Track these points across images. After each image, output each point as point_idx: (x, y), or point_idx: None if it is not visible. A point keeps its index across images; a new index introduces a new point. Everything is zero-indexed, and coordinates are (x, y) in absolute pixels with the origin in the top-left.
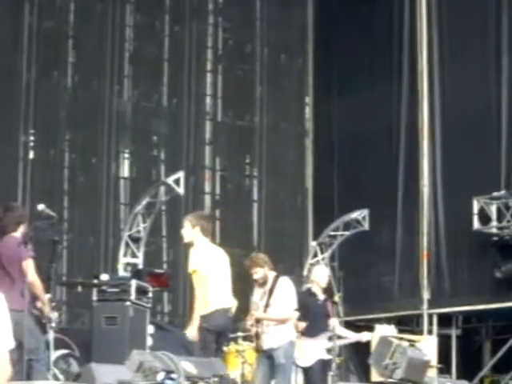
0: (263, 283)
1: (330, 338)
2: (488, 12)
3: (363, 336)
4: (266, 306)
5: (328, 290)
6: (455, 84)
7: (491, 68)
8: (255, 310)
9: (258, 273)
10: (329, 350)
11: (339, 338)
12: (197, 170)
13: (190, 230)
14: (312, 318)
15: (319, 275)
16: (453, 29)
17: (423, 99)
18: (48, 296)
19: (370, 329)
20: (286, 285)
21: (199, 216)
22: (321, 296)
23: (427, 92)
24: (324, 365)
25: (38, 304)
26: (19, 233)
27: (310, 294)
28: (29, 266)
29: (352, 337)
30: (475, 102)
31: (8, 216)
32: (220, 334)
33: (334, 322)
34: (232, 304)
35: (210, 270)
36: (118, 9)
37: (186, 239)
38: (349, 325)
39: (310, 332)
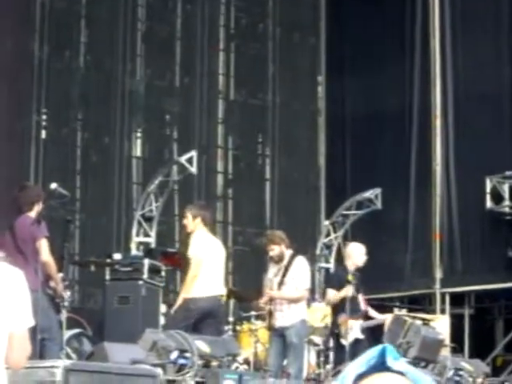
0: (279, 260)
1: (364, 318)
2: None
3: (389, 318)
4: (280, 283)
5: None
6: (468, 63)
7: (504, 47)
8: (269, 287)
9: (274, 250)
10: (363, 330)
11: (369, 318)
12: (209, 148)
13: (192, 221)
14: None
15: (354, 253)
16: (466, 7)
17: (436, 78)
18: (60, 275)
19: (383, 308)
20: (301, 264)
21: (200, 207)
22: (355, 273)
23: (440, 70)
24: (358, 344)
25: (52, 283)
26: (34, 212)
27: (347, 272)
28: (42, 245)
29: (379, 318)
30: (488, 80)
31: (22, 196)
32: (204, 316)
33: (361, 300)
34: (223, 292)
35: (205, 257)
36: None
37: (189, 229)
38: None
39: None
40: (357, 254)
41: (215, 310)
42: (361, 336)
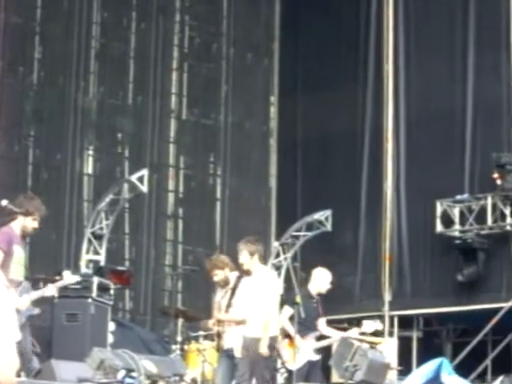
0: (224, 284)
1: (318, 338)
2: (454, 14)
3: (351, 333)
4: (228, 305)
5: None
6: (420, 86)
7: (457, 71)
8: (217, 310)
9: (217, 275)
10: (317, 351)
11: (325, 337)
12: (161, 167)
13: (250, 259)
14: (303, 320)
15: (319, 279)
16: (419, 30)
17: (388, 100)
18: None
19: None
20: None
21: (256, 242)
22: (315, 297)
23: (392, 93)
24: (311, 366)
25: None
26: (18, 224)
27: (309, 296)
28: None
29: (338, 335)
30: (440, 104)
31: (18, 204)
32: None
33: (322, 322)
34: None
35: (273, 295)
36: (84, 6)
37: (246, 267)
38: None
39: (299, 333)
40: (321, 281)
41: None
42: (315, 357)
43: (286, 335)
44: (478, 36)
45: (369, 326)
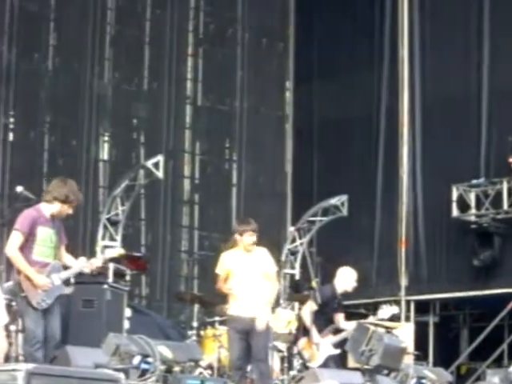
0: None
1: (334, 332)
2: None
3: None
4: None
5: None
6: (436, 70)
7: (472, 55)
8: None
9: None
10: (336, 345)
11: (341, 330)
12: (176, 153)
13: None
14: (323, 317)
15: (342, 278)
16: (434, 14)
17: (404, 85)
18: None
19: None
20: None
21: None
22: (339, 297)
23: (408, 78)
24: (333, 360)
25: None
26: (54, 207)
27: (334, 296)
28: (11, 236)
29: (348, 329)
30: (456, 88)
31: (56, 189)
32: None
33: (341, 317)
34: None
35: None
36: None
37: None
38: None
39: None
40: (347, 279)
41: None
42: (335, 352)
43: (304, 334)
44: (493, 19)
45: (385, 312)
